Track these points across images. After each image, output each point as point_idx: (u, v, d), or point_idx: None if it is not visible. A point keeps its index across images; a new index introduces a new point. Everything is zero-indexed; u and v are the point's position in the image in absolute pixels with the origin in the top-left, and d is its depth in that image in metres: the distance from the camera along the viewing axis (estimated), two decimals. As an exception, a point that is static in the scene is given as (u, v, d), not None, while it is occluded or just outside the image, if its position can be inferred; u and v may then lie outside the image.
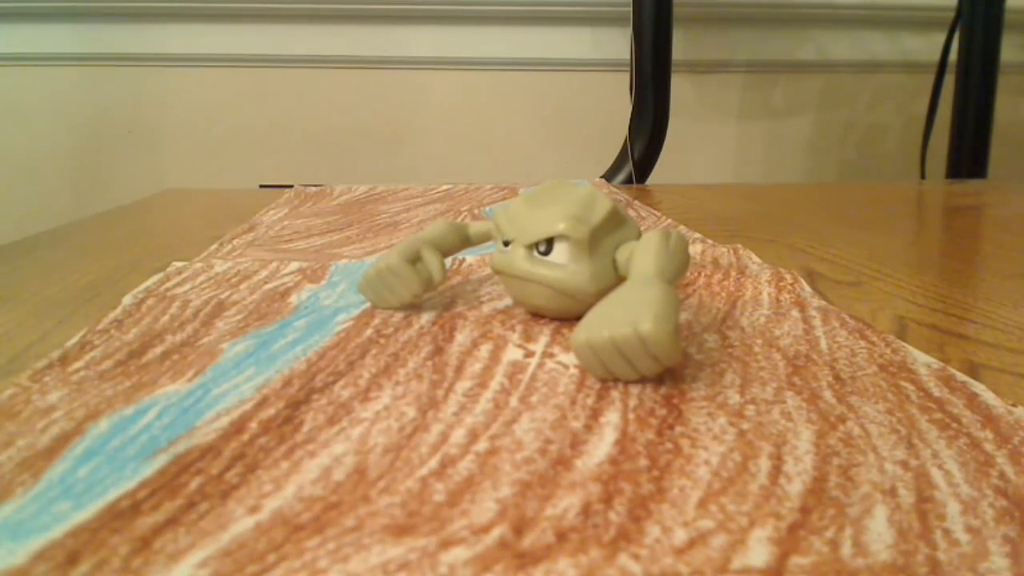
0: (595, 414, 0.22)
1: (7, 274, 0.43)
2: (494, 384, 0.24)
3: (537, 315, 0.32)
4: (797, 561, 0.15)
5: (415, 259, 0.32)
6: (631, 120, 1.14)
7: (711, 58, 1.39)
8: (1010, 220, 0.60)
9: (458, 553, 0.15)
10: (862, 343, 0.28)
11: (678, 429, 0.21)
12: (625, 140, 1.15)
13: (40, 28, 1.30)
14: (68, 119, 1.34)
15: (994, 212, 0.65)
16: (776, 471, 0.18)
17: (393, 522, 0.16)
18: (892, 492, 0.17)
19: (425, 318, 0.32)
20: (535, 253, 0.29)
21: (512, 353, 0.27)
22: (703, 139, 1.42)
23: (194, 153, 1.36)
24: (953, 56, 1.17)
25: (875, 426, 0.21)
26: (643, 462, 0.19)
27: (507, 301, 0.34)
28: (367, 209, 0.66)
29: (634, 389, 0.23)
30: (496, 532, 0.16)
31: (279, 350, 0.28)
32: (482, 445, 0.20)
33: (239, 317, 0.32)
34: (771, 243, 0.50)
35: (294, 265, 0.41)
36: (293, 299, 0.35)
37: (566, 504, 0.17)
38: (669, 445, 0.20)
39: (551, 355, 0.27)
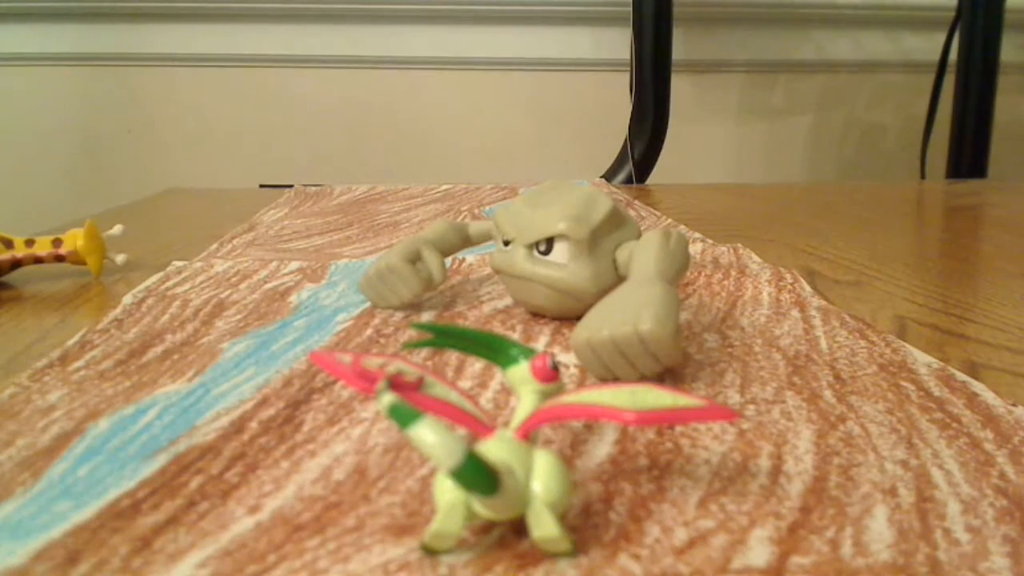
0: (595, 414, 0.22)
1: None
2: (494, 384, 0.24)
3: (537, 315, 0.32)
4: (797, 561, 0.15)
5: (415, 259, 0.32)
6: (631, 120, 1.14)
7: (711, 58, 1.39)
8: (1010, 220, 0.60)
9: (458, 553, 0.15)
10: (862, 343, 0.28)
11: (678, 429, 0.21)
12: (625, 140, 1.15)
13: (40, 28, 1.30)
14: (68, 119, 1.34)
15: (994, 212, 0.65)
16: (776, 471, 0.18)
17: (393, 522, 0.16)
18: (892, 492, 0.17)
19: (425, 318, 0.32)
20: (535, 253, 0.29)
21: (512, 353, 0.27)
22: (703, 139, 1.41)
23: (194, 153, 1.36)
24: (953, 56, 1.17)
25: (875, 426, 0.21)
26: (643, 462, 0.19)
27: (507, 301, 0.34)
28: (367, 209, 0.66)
29: (634, 389, 0.23)
30: (496, 532, 0.16)
31: (279, 350, 0.28)
32: (482, 445, 0.20)
33: (239, 317, 0.32)
34: (771, 243, 0.50)
35: (294, 265, 0.41)
36: (293, 299, 0.35)
37: (566, 504, 0.17)
38: (669, 445, 0.20)
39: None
